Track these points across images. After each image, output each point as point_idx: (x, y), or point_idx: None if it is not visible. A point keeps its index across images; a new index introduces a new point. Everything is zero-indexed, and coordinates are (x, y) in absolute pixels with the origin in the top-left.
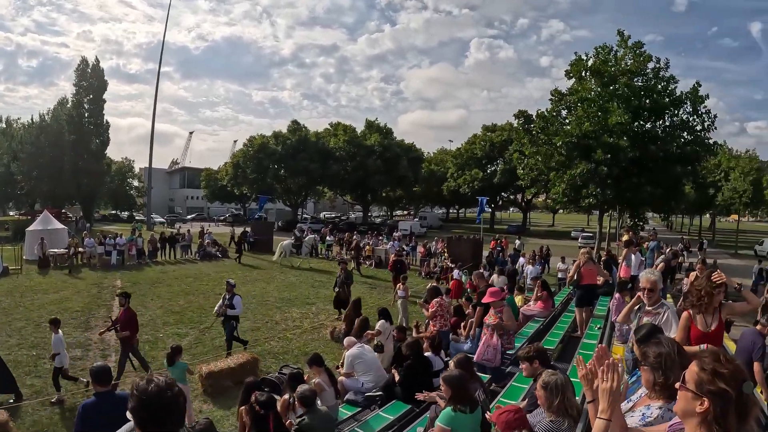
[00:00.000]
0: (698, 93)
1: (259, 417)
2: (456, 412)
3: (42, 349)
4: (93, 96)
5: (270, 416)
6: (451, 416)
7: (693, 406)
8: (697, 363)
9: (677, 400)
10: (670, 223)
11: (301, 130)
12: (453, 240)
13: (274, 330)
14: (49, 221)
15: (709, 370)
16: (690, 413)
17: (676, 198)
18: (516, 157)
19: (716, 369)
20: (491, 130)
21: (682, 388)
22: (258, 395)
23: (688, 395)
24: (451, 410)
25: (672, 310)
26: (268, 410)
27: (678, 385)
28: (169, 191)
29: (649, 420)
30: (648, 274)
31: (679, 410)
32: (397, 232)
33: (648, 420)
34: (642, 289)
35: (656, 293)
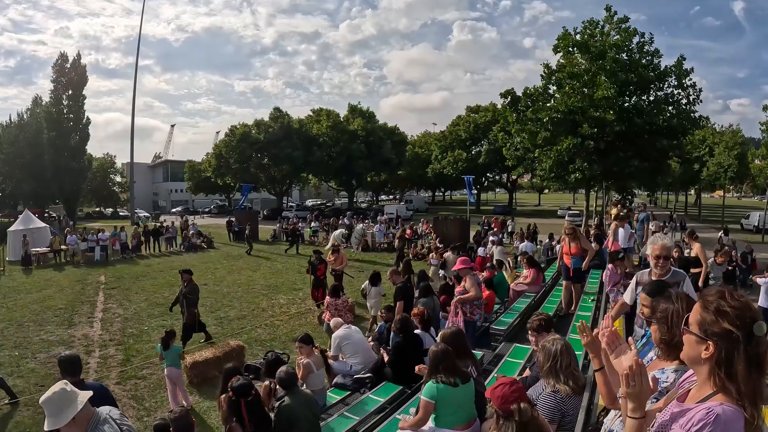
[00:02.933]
0: (683, 66)
1: (235, 403)
2: (438, 383)
3: (24, 348)
4: (72, 92)
5: (242, 403)
6: (433, 388)
7: (698, 352)
8: (700, 302)
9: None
10: (655, 199)
11: (283, 117)
12: (439, 221)
13: (260, 317)
14: (31, 220)
15: (712, 310)
16: (696, 360)
17: (662, 172)
18: (501, 137)
19: (720, 308)
20: (475, 111)
21: (685, 332)
22: (233, 381)
23: (692, 339)
24: (433, 382)
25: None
26: (240, 397)
27: (683, 329)
28: (153, 185)
29: (664, 385)
30: (660, 240)
31: (685, 357)
32: (382, 215)
33: (663, 386)
34: (656, 257)
35: (669, 261)
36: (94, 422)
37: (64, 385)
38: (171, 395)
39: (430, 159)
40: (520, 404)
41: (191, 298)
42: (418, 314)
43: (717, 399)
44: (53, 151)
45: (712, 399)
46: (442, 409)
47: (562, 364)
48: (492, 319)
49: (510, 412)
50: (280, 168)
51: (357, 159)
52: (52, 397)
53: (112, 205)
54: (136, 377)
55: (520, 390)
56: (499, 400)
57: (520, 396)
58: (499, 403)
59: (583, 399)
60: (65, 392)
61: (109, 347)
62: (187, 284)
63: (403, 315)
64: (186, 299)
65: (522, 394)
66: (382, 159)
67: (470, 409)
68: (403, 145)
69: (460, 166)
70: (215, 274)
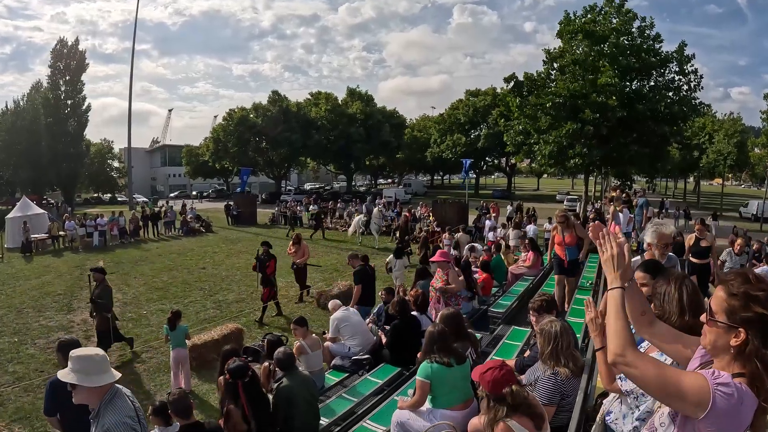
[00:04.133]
0: (684, 52)
1: (231, 385)
2: (433, 363)
3: (24, 335)
4: (70, 77)
5: (239, 385)
6: (427, 368)
7: (726, 340)
8: (723, 288)
9: (704, 335)
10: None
11: (281, 100)
12: (438, 204)
13: (259, 300)
14: (29, 207)
15: (740, 294)
16: (722, 348)
17: (662, 158)
18: (501, 122)
19: (749, 292)
20: (474, 95)
21: (711, 322)
22: (230, 363)
23: (719, 328)
24: (427, 362)
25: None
26: (236, 378)
27: (705, 319)
28: (151, 170)
29: None
30: (665, 228)
31: (709, 345)
32: (381, 199)
33: None
34: (664, 245)
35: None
36: (111, 395)
37: (105, 353)
38: (174, 377)
39: (428, 143)
40: (512, 387)
41: (101, 303)
42: (414, 296)
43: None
44: (51, 137)
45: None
46: (437, 390)
47: (563, 345)
48: (490, 301)
49: (502, 395)
50: (279, 152)
51: (355, 142)
52: (94, 357)
53: (110, 190)
54: (136, 361)
55: (510, 372)
56: (490, 385)
57: (510, 379)
58: (490, 387)
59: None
60: (105, 359)
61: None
62: (98, 285)
63: (401, 297)
64: (95, 304)
65: (512, 377)
66: (380, 142)
67: (466, 389)
68: (401, 129)
69: (459, 150)
70: (214, 258)
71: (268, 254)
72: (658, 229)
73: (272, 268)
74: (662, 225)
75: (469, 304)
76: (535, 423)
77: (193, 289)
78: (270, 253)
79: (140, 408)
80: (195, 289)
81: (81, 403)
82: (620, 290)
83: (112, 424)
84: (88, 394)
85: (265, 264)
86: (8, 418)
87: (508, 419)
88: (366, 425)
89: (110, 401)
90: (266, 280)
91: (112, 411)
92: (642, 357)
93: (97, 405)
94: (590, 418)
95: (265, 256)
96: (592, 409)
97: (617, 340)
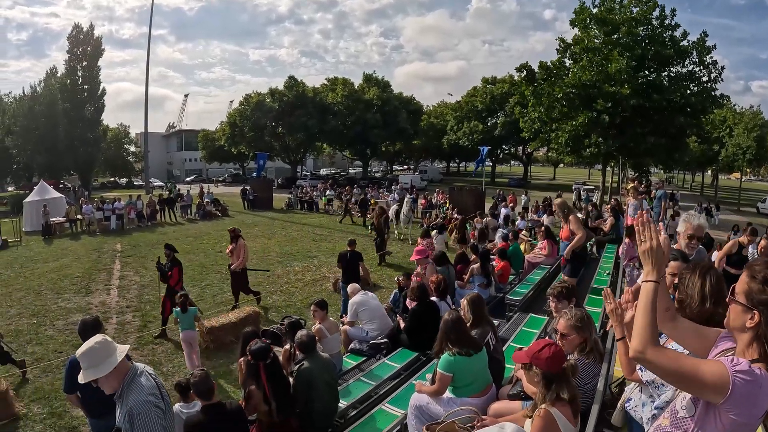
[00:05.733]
0: (705, 43)
1: (253, 366)
2: (455, 355)
3: (42, 316)
4: (87, 63)
5: (260, 366)
6: (450, 361)
7: (743, 320)
8: (747, 272)
9: (727, 315)
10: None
11: (298, 86)
12: (455, 190)
13: (276, 284)
14: (46, 191)
15: (760, 279)
16: (741, 328)
17: (679, 150)
18: (518, 110)
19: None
20: (492, 83)
21: (731, 301)
22: (251, 344)
23: (738, 308)
24: (449, 355)
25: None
26: (258, 360)
27: (728, 298)
28: (167, 155)
29: None
30: (695, 219)
31: (729, 324)
32: (397, 185)
33: None
34: (689, 237)
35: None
36: (132, 375)
37: (104, 337)
38: (188, 358)
39: (445, 129)
40: (570, 362)
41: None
42: (435, 282)
43: (759, 366)
44: (68, 122)
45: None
46: (459, 381)
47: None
48: (507, 289)
49: (562, 372)
50: (295, 137)
51: (372, 128)
52: (94, 347)
53: (127, 175)
54: (153, 343)
55: (562, 350)
56: (548, 362)
57: (564, 356)
58: (548, 364)
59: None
60: (107, 342)
61: (126, 314)
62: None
63: (421, 283)
64: None
65: (564, 355)
66: (397, 129)
67: (486, 377)
68: (418, 115)
69: (476, 137)
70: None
71: (173, 260)
72: (686, 218)
73: (176, 277)
74: (694, 216)
75: (485, 291)
76: (573, 410)
77: (209, 273)
78: (175, 259)
79: (162, 384)
80: (212, 272)
81: (112, 391)
82: (655, 284)
83: (136, 403)
84: (108, 381)
85: (166, 273)
86: (27, 398)
87: (551, 407)
88: (384, 408)
89: (131, 382)
90: (171, 291)
91: (134, 391)
92: (661, 352)
93: (119, 387)
94: (607, 405)
95: (170, 264)
96: (610, 397)
97: (640, 337)
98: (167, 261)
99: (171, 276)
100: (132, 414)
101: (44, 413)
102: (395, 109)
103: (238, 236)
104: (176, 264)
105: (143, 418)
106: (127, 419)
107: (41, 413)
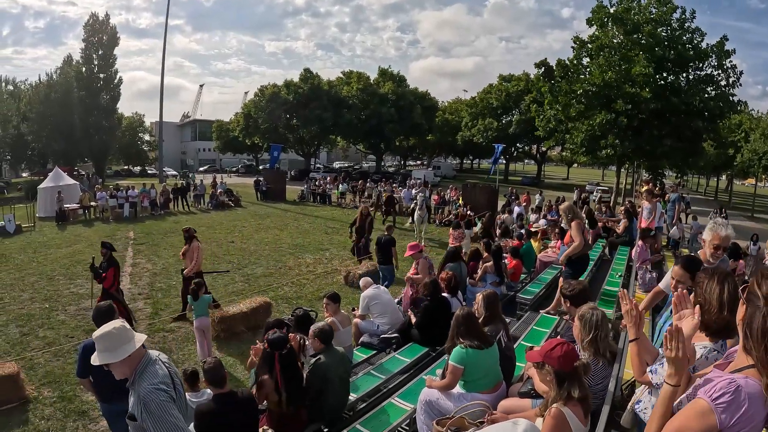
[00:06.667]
0: (724, 47)
1: (268, 355)
2: (467, 348)
3: (55, 301)
4: (103, 51)
5: (275, 356)
6: (462, 353)
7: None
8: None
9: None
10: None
11: (313, 78)
12: (468, 187)
13: (287, 275)
14: (61, 177)
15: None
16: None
17: (695, 154)
18: (534, 108)
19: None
20: (508, 80)
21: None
22: (269, 333)
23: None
24: (461, 347)
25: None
26: (274, 349)
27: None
28: (181, 144)
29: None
30: (723, 229)
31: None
32: (410, 180)
33: None
34: (715, 247)
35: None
36: (145, 362)
37: (123, 323)
38: (200, 346)
39: (459, 126)
40: (582, 361)
41: None
42: (446, 279)
43: (749, 373)
44: (83, 110)
45: (745, 372)
46: (471, 374)
47: (602, 334)
48: (518, 288)
49: (574, 371)
50: (309, 129)
51: (386, 123)
52: (112, 331)
53: (141, 163)
54: (164, 330)
55: (575, 349)
56: (561, 360)
57: (576, 354)
58: (561, 363)
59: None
60: (125, 329)
61: (138, 301)
62: None
63: (433, 279)
64: None
65: (577, 353)
66: (411, 124)
67: (497, 373)
68: (433, 111)
69: (491, 134)
70: (242, 233)
71: (110, 260)
72: (713, 228)
73: (110, 280)
74: (721, 226)
75: (498, 289)
76: (584, 410)
77: (221, 262)
78: (112, 259)
79: (176, 372)
80: (224, 262)
81: (121, 377)
82: (674, 389)
83: (147, 390)
84: (122, 367)
85: (100, 274)
86: (38, 381)
87: (562, 406)
88: (393, 402)
89: (144, 369)
90: (106, 294)
91: (146, 378)
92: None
93: (132, 374)
94: (617, 407)
95: (106, 263)
96: (620, 398)
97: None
98: (103, 260)
99: (105, 278)
100: (145, 402)
101: (54, 397)
102: (410, 104)
103: (193, 237)
104: (113, 264)
105: (154, 405)
106: (141, 406)
107: (51, 397)
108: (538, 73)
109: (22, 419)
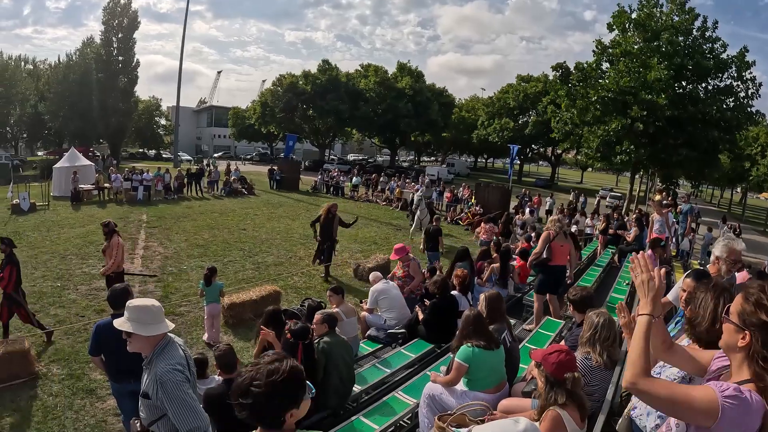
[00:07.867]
0: (745, 58)
1: (291, 345)
2: (474, 347)
3: (66, 280)
4: (123, 34)
5: (299, 345)
6: (468, 351)
7: (735, 340)
8: (742, 294)
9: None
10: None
11: (331, 70)
12: (480, 186)
13: (297, 265)
14: (76, 158)
15: (752, 301)
16: (732, 347)
17: (710, 164)
18: (550, 110)
19: (760, 300)
20: (526, 81)
21: (725, 320)
22: (293, 323)
23: (731, 328)
24: (468, 346)
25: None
26: (298, 339)
27: (723, 317)
28: (197, 129)
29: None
30: (737, 244)
31: (723, 344)
32: (424, 176)
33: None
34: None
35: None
36: (164, 343)
37: (160, 306)
38: (208, 329)
39: (475, 124)
40: (573, 373)
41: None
42: (461, 277)
43: (749, 387)
44: (101, 91)
45: (745, 386)
46: (476, 373)
47: (601, 336)
48: (525, 290)
49: (563, 379)
50: (325, 120)
51: (403, 117)
52: (151, 308)
53: (156, 147)
54: (174, 314)
55: (574, 360)
56: (554, 367)
57: (573, 366)
58: (553, 369)
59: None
60: (161, 310)
61: (149, 283)
62: None
63: (443, 276)
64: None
65: (575, 365)
66: (428, 120)
67: (501, 373)
68: (450, 108)
69: (506, 134)
70: (254, 221)
71: (10, 258)
72: (729, 243)
73: (7, 279)
74: (734, 240)
75: (504, 291)
76: (581, 414)
77: (232, 249)
78: (12, 257)
79: (191, 356)
80: (235, 249)
81: (135, 351)
82: (648, 318)
83: (164, 371)
84: (143, 343)
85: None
86: (47, 359)
87: (559, 408)
88: (397, 396)
89: (163, 350)
90: (7, 297)
91: (164, 358)
92: (653, 382)
93: (150, 353)
94: (614, 413)
95: (5, 260)
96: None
97: (632, 369)
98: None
99: (2, 278)
100: (162, 381)
101: (63, 374)
102: (427, 100)
103: (114, 232)
104: (11, 263)
105: (171, 384)
106: (158, 385)
107: (60, 374)
108: (555, 76)
109: (30, 395)
